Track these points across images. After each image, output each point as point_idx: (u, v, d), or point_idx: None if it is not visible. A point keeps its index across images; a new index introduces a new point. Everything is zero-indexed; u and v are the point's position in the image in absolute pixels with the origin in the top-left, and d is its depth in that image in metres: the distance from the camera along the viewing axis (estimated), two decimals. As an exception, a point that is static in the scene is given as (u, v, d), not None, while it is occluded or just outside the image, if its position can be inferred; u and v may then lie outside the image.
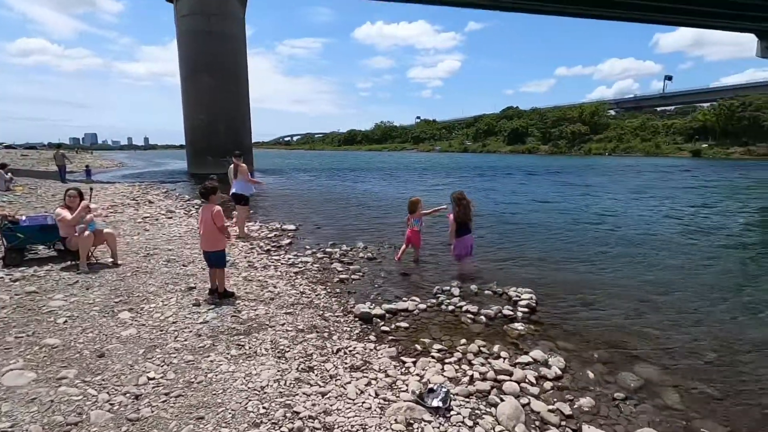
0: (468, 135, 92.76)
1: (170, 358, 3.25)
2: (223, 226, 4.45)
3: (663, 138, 59.35)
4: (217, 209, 4.46)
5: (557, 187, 18.76)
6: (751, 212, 12.08)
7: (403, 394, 2.93)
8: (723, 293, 5.23)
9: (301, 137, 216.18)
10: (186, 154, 28.56)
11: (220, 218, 4.43)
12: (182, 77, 26.44)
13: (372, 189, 18.27)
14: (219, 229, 4.45)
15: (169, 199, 13.67)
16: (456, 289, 5.13)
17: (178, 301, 4.48)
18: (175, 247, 7.00)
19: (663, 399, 3.01)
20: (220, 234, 4.50)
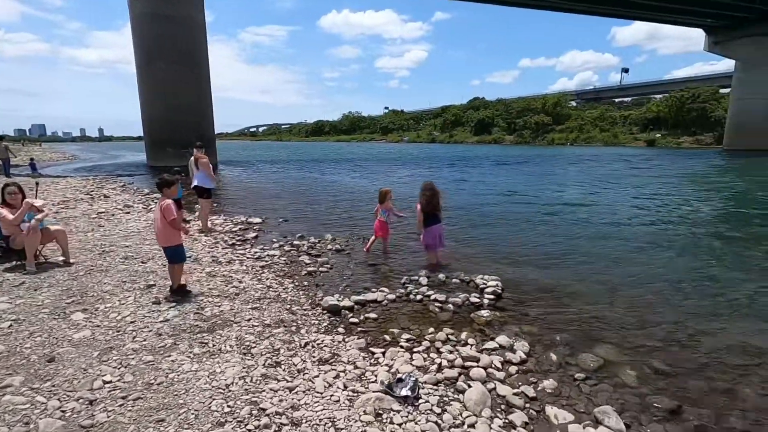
0: (436, 125, 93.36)
1: (128, 360, 3.10)
2: (173, 220, 4.25)
3: (620, 128, 61.87)
4: (167, 203, 4.27)
5: (524, 176, 19.23)
6: (704, 200, 12.82)
7: (372, 385, 2.93)
8: (676, 277, 5.52)
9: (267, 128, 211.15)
10: (144, 145, 27.23)
11: (169, 212, 4.24)
12: (138, 65, 25.06)
13: (341, 180, 18.11)
14: (169, 224, 4.26)
15: (126, 193, 13.03)
16: (424, 279, 5.17)
17: (136, 300, 4.29)
18: (133, 243, 6.69)
19: (620, 377, 3.15)
20: (172, 228, 4.31)
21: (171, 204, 4.29)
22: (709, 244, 7.23)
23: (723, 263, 6.12)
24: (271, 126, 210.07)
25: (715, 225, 8.83)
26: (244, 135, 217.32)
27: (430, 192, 5.69)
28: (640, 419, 2.68)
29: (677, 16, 39.63)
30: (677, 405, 2.80)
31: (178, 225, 4.37)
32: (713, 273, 5.65)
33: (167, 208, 4.25)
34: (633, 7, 36.58)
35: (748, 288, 5.06)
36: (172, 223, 4.27)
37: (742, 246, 7.07)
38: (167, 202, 4.28)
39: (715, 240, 7.46)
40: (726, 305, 4.54)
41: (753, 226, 8.71)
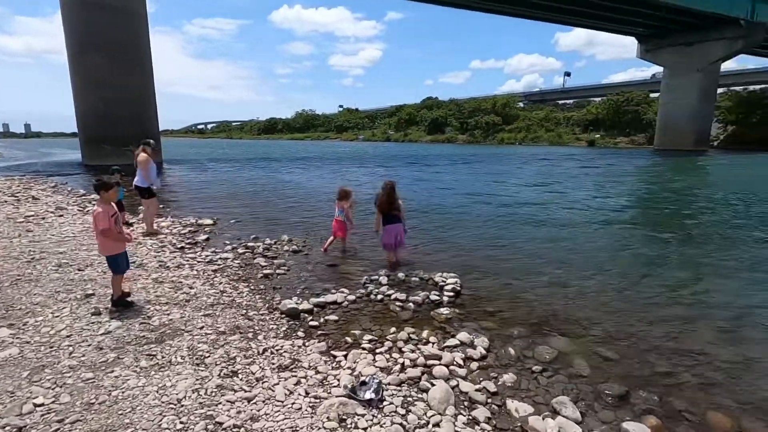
0: (390, 124, 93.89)
1: (64, 379, 2.82)
2: (103, 230, 3.88)
3: (564, 129, 65.45)
4: (98, 210, 3.90)
5: (478, 175, 19.78)
6: (645, 197, 13.79)
7: (334, 389, 2.86)
8: (619, 270, 5.88)
9: (217, 125, 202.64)
10: (79, 142, 25.19)
11: (99, 220, 3.88)
12: (70, 55, 23.08)
13: (296, 180, 17.72)
14: (100, 234, 3.92)
15: (59, 195, 11.98)
16: (384, 278, 5.15)
17: (73, 312, 3.93)
18: (68, 249, 6.14)
19: (573, 367, 3.29)
20: (102, 237, 3.95)
21: (102, 212, 3.89)
22: (650, 238, 7.77)
23: (662, 257, 6.59)
24: (220, 123, 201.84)
25: (655, 221, 9.52)
26: (191, 132, 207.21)
27: (389, 191, 5.67)
28: (593, 407, 2.81)
29: (612, 24, 42.44)
30: (626, 390, 2.96)
31: (112, 234, 3.95)
32: (653, 266, 6.06)
33: (97, 216, 3.90)
34: (572, 14, 38.72)
35: (683, 279, 5.48)
36: (103, 233, 3.90)
37: (679, 240, 7.65)
38: (98, 210, 3.91)
39: (656, 235, 8.03)
40: (663, 295, 4.88)
41: (689, 220, 9.48)
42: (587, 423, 2.64)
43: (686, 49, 42.54)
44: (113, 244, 4.01)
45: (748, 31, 38.34)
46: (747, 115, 48.93)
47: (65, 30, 22.93)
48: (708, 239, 7.52)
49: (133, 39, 23.29)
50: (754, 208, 10.86)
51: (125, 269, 4.20)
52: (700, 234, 7.97)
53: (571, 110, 76.17)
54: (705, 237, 7.70)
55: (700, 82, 42.09)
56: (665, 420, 2.68)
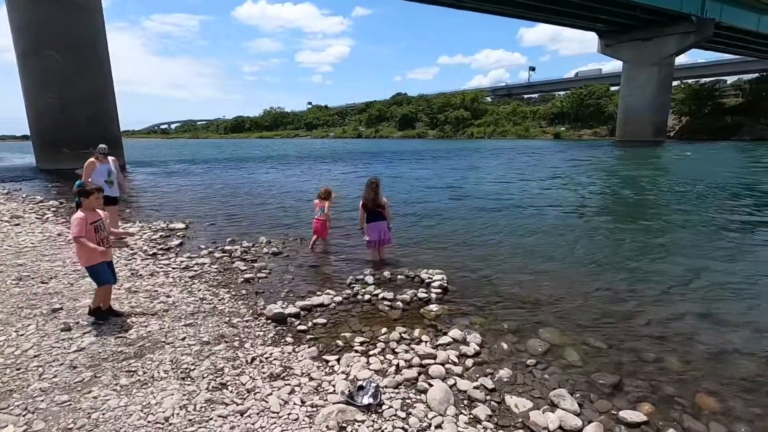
0: (361, 121, 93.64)
1: (35, 403, 2.60)
2: (74, 236, 3.64)
3: (531, 122, 67.19)
4: (73, 217, 3.69)
5: (454, 170, 19.94)
6: (619, 187, 14.26)
7: (331, 396, 2.77)
8: (601, 258, 6.04)
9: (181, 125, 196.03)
10: (33, 146, 23.71)
11: (74, 225, 3.64)
12: (19, 53, 21.63)
13: (269, 179, 17.33)
14: (73, 240, 3.69)
15: (13, 202, 11.21)
16: (370, 277, 5.07)
17: (39, 328, 3.65)
18: (28, 260, 5.74)
19: (566, 358, 3.32)
20: (77, 245, 3.71)
21: (80, 217, 3.66)
22: (629, 227, 7.97)
23: (642, 245, 6.80)
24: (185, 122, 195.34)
25: (632, 211, 9.84)
26: (153, 133, 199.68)
27: (374, 188, 5.60)
28: (589, 397, 2.83)
29: (573, 20, 43.80)
30: (618, 379, 3.01)
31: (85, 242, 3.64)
32: (633, 254, 6.24)
33: (72, 220, 3.67)
34: (535, 9, 39.67)
35: (662, 265, 5.67)
36: (75, 239, 3.65)
37: (657, 228, 7.94)
38: (77, 215, 3.67)
39: (635, 224, 8.27)
40: (644, 283, 5.03)
41: (664, 209, 9.86)
42: (585, 414, 2.66)
43: (643, 44, 44.43)
44: (90, 253, 3.70)
45: (699, 27, 40.43)
46: (699, 106, 51.73)
47: (12, 26, 21.50)
48: (685, 226, 7.81)
49: (88, 35, 22.07)
50: (726, 195, 11.43)
51: (111, 281, 3.91)
52: (678, 221, 8.29)
53: (536, 104, 78.23)
54: (682, 224, 8.01)
55: (657, 76, 44.09)
56: (658, 406, 2.74)
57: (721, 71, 66.17)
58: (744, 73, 60.25)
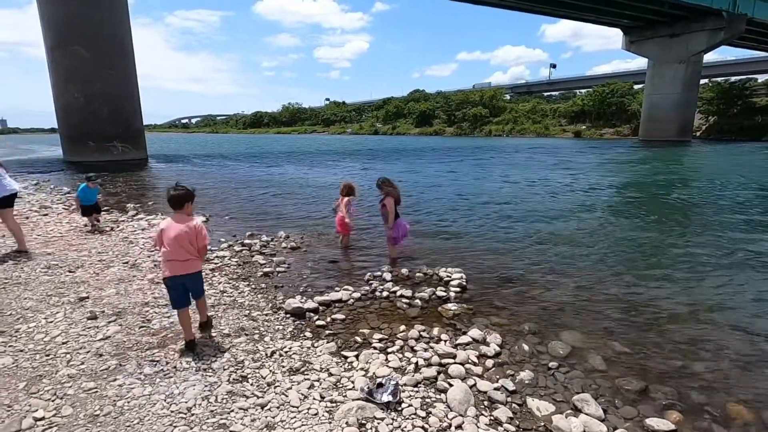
0: (378, 117, 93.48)
1: (64, 389, 2.67)
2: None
3: (550, 120, 65.96)
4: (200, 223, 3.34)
5: (472, 167, 19.75)
6: (640, 185, 13.91)
7: (350, 392, 2.76)
8: (626, 260, 5.89)
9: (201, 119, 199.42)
10: (60, 139, 24.43)
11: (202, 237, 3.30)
12: (48, 48, 22.26)
13: (288, 174, 17.47)
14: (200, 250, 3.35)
15: (41, 193, 11.57)
16: (388, 274, 5.05)
17: (67, 316, 3.75)
18: (56, 249, 5.91)
19: (589, 362, 3.25)
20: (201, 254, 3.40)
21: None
22: (656, 229, 7.72)
23: (668, 246, 6.61)
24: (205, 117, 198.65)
25: (659, 212, 9.55)
26: (175, 127, 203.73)
27: (395, 186, 5.64)
28: (614, 402, 2.76)
29: (597, 15, 42.68)
30: (645, 385, 2.93)
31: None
32: (660, 257, 6.06)
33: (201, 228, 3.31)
34: (558, 5, 38.84)
35: (691, 269, 5.49)
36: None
37: (686, 231, 7.69)
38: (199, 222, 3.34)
39: (661, 225, 8.00)
40: (671, 287, 4.88)
41: (693, 210, 9.57)
42: (610, 420, 2.59)
43: (670, 40, 43.07)
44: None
45: (729, 23, 38.93)
46: (728, 105, 49.95)
47: (42, 22, 22.12)
48: (716, 230, 7.49)
49: (113, 31, 22.55)
50: (752, 197, 11.03)
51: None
52: (708, 224, 7.99)
53: (557, 102, 76.74)
54: (713, 228, 7.70)
55: (684, 74, 42.71)
56: (687, 414, 2.66)
57: (753, 69, 63.73)
58: (777, 71, 57.95)
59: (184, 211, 3.27)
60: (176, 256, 3.17)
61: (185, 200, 3.26)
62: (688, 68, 42.63)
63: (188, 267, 3.22)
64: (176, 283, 3.21)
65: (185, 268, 3.20)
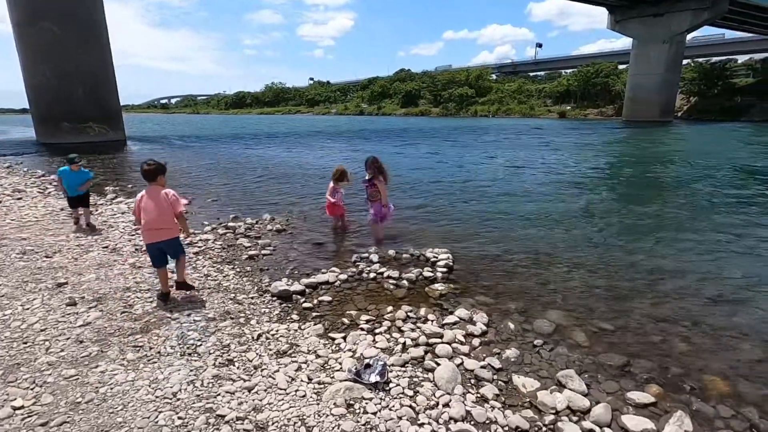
0: (363, 97, 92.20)
1: (43, 377, 2.61)
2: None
3: (536, 101, 66.05)
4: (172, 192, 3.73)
5: (457, 148, 19.71)
6: (627, 167, 14.08)
7: (338, 373, 2.76)
8: (608, 239, 5.98)
9: (181, 99, 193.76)
10: (32, 120, 23.44)
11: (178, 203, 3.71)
12: (15, 25, 21.13)
13: (272, 156, 17.17)
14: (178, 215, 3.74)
15: (14, 176, 11.15)
16: (375, 255, 5.04)
17: (44, 303, 3.64)
18: (32, 234, 5.72)
19: (573, 339, 3.31)
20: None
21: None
22: (636, 208, 7.84)
23: (649, 225, 6.73)
24: (185, 97, 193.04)
25: (639, 192, 9.71)
26: (154, 107, 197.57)
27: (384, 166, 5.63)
28: (597, 378, 2.83)
29: (584, -7, 42.43)
30: (626, 361, 3.00)
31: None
32: (640, 235, 6.17)
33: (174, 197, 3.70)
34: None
35: (668, 247, 5.62)
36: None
37: (665, 209, 7.83)
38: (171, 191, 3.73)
39: (642, 205, 8.14)
40: (650, 264, 4.99)
41: (671, 190, 9.75)
42: (593, 394, 2.65)
43: (654, 20, 43.16)
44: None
45: (713, 3, 39.16)
46: (709, 86, 50.66)
47: (7, -5, 20.91)
48: (699, 210, 7.65)
49: (85, 6, 21.49)
50: (731, 176, 11.28)
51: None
52: (690, 204, 8.14)
53: (542, 82, 76.69)
54: (696, 207, 7.86)
55: (667, 54, 43.01)
56: (666, 388, 2.73)
57: (733, 50, 64.50)
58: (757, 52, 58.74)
59: (158, 183, 3.67)
60: (152, 225, 3.59)
61: (157, 173, 3.67)
62: (671, 48, 42.93)
63: (162, 234, 3.63)
64: (153, 248, 3.66)
65: (160, 235, 3.62)
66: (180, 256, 3.87)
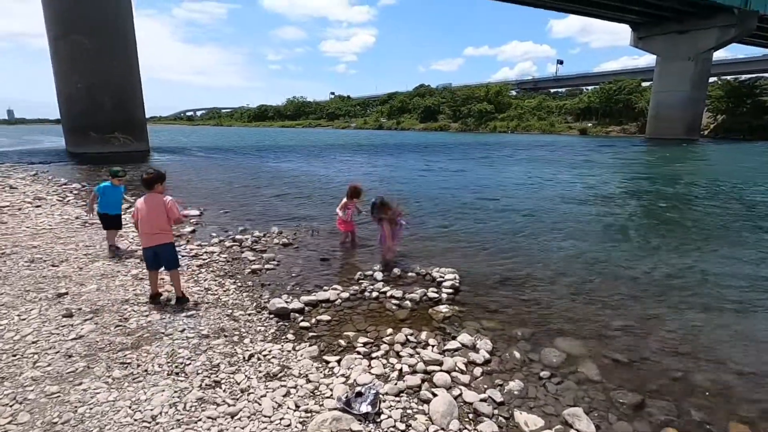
0: (383, 112, 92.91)
1: (25, 393, 2.54)
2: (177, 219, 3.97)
3: (556, 117, 65.31)
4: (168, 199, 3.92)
5: (474, 164, 19.51)
6: (649, 187, 13.64)
7: (327, 401, 2.61)
8: (623, 262, 5.68)
9: (206, 112, 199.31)
10: (62, 129, 24.36)
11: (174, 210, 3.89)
12: (51, 38, 22.15)
13: (289, 169, 17.30)
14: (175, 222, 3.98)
15: (38, 184, 11.48)
16: (379, 274, 4.90)
17: (42, 313, 3.62)
18: (43, 242, 5.79)
19: (583, 372, 3.08)
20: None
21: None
22: (660, 232, 7.50)
23: (670, 248, 6.39)
24: (210, 110, 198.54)
25: (663, 214, 9.30)
26: (180, 119, 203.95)
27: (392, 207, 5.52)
28: (608, 418, 2.60)
29: (605, 11, 42.02)
30: (641, 399, 2.76)
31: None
32: (662, 261, 5.83)
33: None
34: (566, 0, 38.28)
35: (693, 275, 5.28)
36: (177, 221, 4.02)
37: (690, 234, 7.46)
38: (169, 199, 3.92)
39: (665, 229, 7.76)
40: (672, 293, 4.69)
41: (696, 213, 9.33)
42: (602, 437, 2.43)
43: (679, 37, 42.36)
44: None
45: (741, 20, 38.22)
46: (737, 104, 49.18)
47: (45, 12, 22.01)
48: (727, 236, 7.17)
49: (116, 22, 22.40)
50: (762, 199, 10.76)
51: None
52: (717, 230, 7.68)
53: (563, 99, 75.94)
54: (716, 232, 7.43)
55: (692, 71, 42.02)
56: (685, 432, 2.49)
57: (763, 68, 62.70)
58: (788, 70, 56.95)
59: (156, 190, 3.85)
60: (147, 229, 3.79)
61: (155, 181, 3.86)
62: (696, 65, 41.93)
63: (156, 239, 3.81)
64: (148, 252, 3.88)
65: (154, 240, 3.81)
66: (173, 271, 3.95)
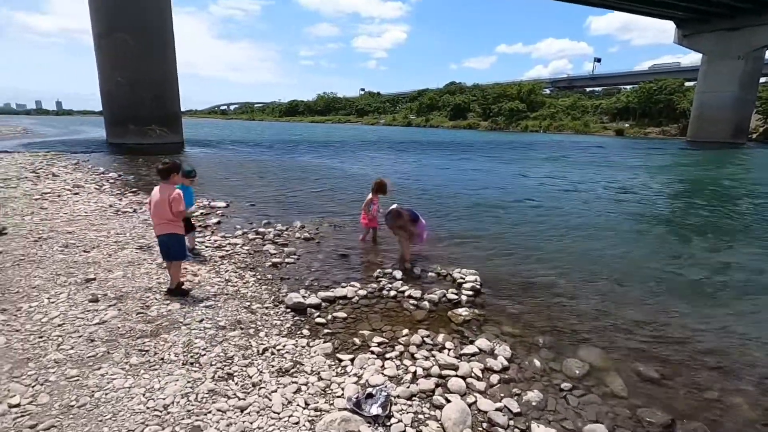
0: (412, 109, 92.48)
1: (47, 375, 2.62)
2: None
3: (591, 117, 63.10)
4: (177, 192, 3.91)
5: (503, 164, 19.10)
6: (689, 190, 12.99)
7: (338, 400, 2.57)
8: (661, 271, 5.38)
9: (239, 106, 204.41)
10: (104, 121, 25.50)
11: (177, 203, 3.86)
12: (96, 34, 23.17)
13: (316, 164, 17.45)
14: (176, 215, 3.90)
15: (78, 172, 12.02)
16: (399, 272, 4.82)
17: (70, 297, 3.75)
18: (78, 228, 6.03)
19: (608, 386, 2.91)
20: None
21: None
22: (697, 240, 7.11)
23: (710, 258, 6.04)
24: (243, 104, 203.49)
25: (701, 221, 8.82)
26: (214, 113, 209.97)
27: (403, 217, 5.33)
28: (632, 437, 2.44)
29: (651, 7, 40.16)
30: (670, 420, 2.57)
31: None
32: (695, 266, 5.54)
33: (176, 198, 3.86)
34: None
35: (734, 285, 4.96)
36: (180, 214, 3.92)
37: (730, 242, 7.04)
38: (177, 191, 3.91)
39: (703, 236, 7.37)
40: (709, 304, 4.41)
41: (736, 221, 8.79)
42: (626, 457, 2.28)
43: (728, 34, 39.96)
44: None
45: (799, 16, 35.68)
46: (791, 106, 46.07)
47: (90, 10, 23.00)
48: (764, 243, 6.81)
49: (156, 20, 23.21)
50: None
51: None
52: (754, 237, 7.27)
53: (599, 98, 73.31)
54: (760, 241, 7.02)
55: (742, 70, 39.60)
56: (719, 458, 2.30)
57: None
58: None
59: (170, 181, 3.91)
60: (156, 219, 3.89)
61: (170, 172, 3.90)
62: (747, 64, 39.47)
63: (162, 229, 3.86)
64: (160, 240, 3.92)
65: (160, 229, 3.87)
66: (174, 261, 3.99)
